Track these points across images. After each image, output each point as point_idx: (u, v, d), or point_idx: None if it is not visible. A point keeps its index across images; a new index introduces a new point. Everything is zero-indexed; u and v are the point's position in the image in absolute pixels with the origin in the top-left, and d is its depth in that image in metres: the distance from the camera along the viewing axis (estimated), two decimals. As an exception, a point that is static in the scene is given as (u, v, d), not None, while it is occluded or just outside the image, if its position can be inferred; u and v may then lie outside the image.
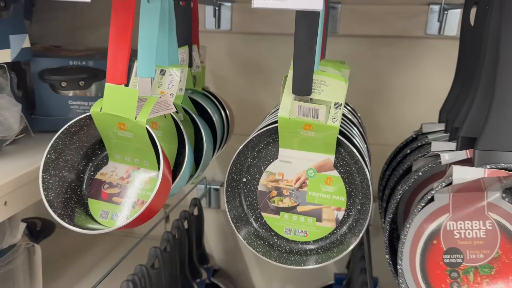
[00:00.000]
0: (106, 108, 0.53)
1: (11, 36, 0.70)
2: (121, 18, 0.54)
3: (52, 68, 0.76)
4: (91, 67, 0.77)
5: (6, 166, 0.65)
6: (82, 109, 0.79)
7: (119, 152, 0.59)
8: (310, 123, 0.55)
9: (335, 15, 0.87)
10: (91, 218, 0.58)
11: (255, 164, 0.62)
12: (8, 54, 0.70)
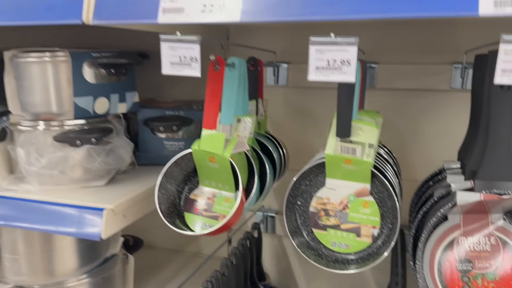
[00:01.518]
0: (202, 146, 0.75)
1: (127, 93, 0.95)
2: (213, 83, 0.77)
3: (153, 116, 1.00)
4: (182, 116, 1.01)
5: (121, 188, 0.88)
6: (173, 148, 1.02)
7: (207, 178, 0.79)
8: (350, 158, 0.73)
9: (373, 73, 1.07)
10: (186, 226, 0.78)
11: (307, 190, 0.80)
12: (124, 107, 0.95)
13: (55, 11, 0.70)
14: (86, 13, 0.68)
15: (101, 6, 0.67)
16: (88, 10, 0.67)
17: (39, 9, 0.71)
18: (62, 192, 0.84)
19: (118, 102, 0.93)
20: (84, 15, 0.68)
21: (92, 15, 0.67)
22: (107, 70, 0.87)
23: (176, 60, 0.66)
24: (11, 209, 0.83)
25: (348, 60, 0.57)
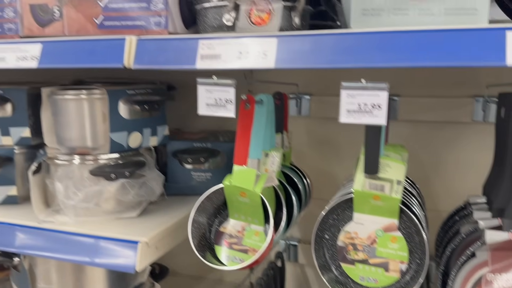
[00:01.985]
0: (234, 182, 0.77)
1: (158, 127, 0.99)
2: (244, 121, 0.80)
3: (181, 149, 1.04)
4: (209, 147, 1.04)
5: (153, 220, 0.91)
6: (200, 178, 1.05)
7: (237, 212, 0.82)
8: (378, 195, 0.75)
9: (395, 105, 1.09)
10: (216, 259, 0.80)
11: (335, 224, 0.82)
12: (155, 140, 0.99)
13: (97, 56, 0.74)
14: (128, 58, 0.72)
15: (142, 52, 0.71)
16: (129, 55, 0.72)
17: (82, 54, 0.75)
18: (96, 224, 0.87)
19: (150, 136, 0.96)
20: (125, 60, 0.72)
21: (133, 60, 0.71)
22: (141, 106, 0.91)
23: (211, 101, 0.70)
24: (48, 240, 0.86)
25: (379, 104, 0.60)
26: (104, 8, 0.75)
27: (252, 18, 0.67)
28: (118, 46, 0.73)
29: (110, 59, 0.73)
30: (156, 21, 0.73)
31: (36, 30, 0.81)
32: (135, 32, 0.74)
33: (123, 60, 0.72)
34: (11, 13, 0.82)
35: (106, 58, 0.73)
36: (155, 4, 0.72)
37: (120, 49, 0.73)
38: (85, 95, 0.88)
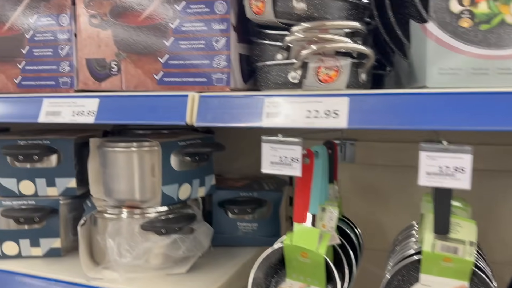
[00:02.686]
0: (295, 241, 0.74)
1: (206, 177, 0.97)
2: (303, 175, 0.77)
3: (227, 198, 1.01)
4: (255, 197, 1.01)
5: (203, 276, 0.87)
6: (245, 229, 1.02)
7: (296, 272, 0.78)
8: (449, 257, 0.71)
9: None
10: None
11: (400, 286, 0.77)
12: (203, 190, 0.96)
13: (157, 112, 0.73)
14: (190, 115, 0.70)
15: (204, 109, 0.70)
16: (192, 112, 0.70)
17: (142, 110, 0.74)
18: (146, 281, 0.84)
19: (199, 187, 0.94)
20: (187, 117, 0.70)
21: (195, 117, 0.70)
22: (192, 158, 0.89)
23: (276, 160, 0.68)
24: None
25: (462, 168, 0.57)
26: (165, 64, 0.75)
27: (320, 75, 0.65)
28: (179, 102, 0.72)
29: (171, 116, 0.72)
30: (218, 77, 0.72)
31: (92, 84, 0.81)
32: (196, 89, 0.73)
33: (185, 117, 0.71)
34: (67, 67, 0.82)
35: (167, 114, 0.72)
36: (218, 61, 0.71)
37: (182, 106, 0.72)
38: (137, 148, 0.87)
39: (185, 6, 0.72)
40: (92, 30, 0.79)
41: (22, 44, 0.84)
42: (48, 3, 0.81)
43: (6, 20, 0.85)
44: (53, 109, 0.80)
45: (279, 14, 0.65)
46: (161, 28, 0.74)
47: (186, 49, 0.73)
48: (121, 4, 0.76)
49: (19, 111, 0.83)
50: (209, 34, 0.71)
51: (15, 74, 0.86)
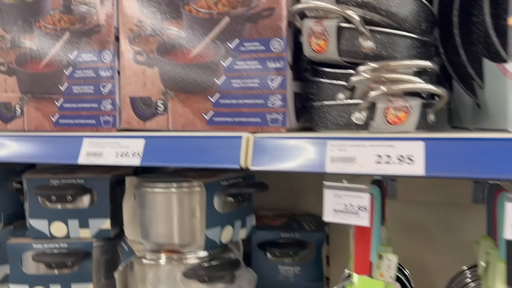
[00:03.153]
0: (357, 294, 0.68)
1: (247, 218, 0.92)
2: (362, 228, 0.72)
3: (268, 240, 0.96)
4: (297, 239, 0.96)
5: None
6: (287, 273, 0.96)
7: (355, 326, 0.72)
8: (528, 313, 0.65)
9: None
10: None
11: None
12: (244, 232, 0.91)
13: (208, 154, 0.69)
14: (244, 158, 0.66)
15: (260, 151, 0.66)
16: (246, 155, 0.66)
17: (191, 152, 0.70)
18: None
19: (240, 228, 0.89)
20: (242, 160, 0.66)
21: (250, 160, 0.66)
22: (235, 198, 0.85)
23: (340, 208, 0.63)
24: None
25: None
26: (215, 103, 0.71)
27: (389, 117, 0.61)
28: (232, 144, 0.68)
29: (223, 159, 0.68)
30: (273, 118, 0.68)
31: (136, 124, 0.77)
32: (249, 129, 0.69)
33: (239, 161, 0.66)
34: (109, 105, 0.78)
35: (218, 157, 0.68)
36: (273, 101, 0.67)
37: (235, 148, 0.67)
38: (177, 188, 0.83)
39: (239, 44, 0.69)
40: (137, 67, 0.76)
41: (61, 81, 0.81)
42: (90, 39, 0.78)
43: (44, 55, 0.82)
44: (95, 149, 0.76)
45: (343, 52, 0.62)
46: (212, 66, 0.71)
47: (239, 88, 0.69)
48: (169, 41, 0.73)
49: (56, 151, 0.79)
50: (264, 72, 0.68)
51: (52, 112, 0.82)
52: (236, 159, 0.67)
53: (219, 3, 0.69)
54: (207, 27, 0.70)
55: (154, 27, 0.74)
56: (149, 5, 0.74)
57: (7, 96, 0.86)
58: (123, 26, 0.76)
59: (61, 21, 0.80)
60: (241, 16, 0.68)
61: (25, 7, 0.83)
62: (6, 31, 0.85)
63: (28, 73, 0.83)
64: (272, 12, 0.67)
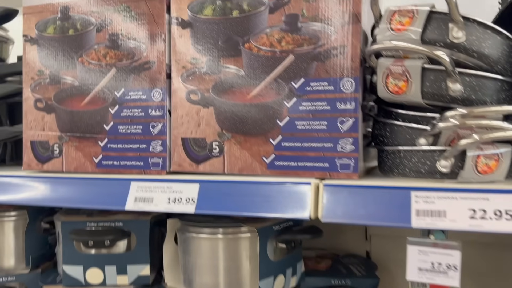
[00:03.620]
0: None
1: (297, 264, 0.85)
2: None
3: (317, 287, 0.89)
4: (350, 286, 0.89)
5: None
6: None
7: None
8: None
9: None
10: None
11: None
12: (295, 280, 0.84)
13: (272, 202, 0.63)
14: (314, 209, 0.60)
15: (332, 201, 0.60)
16: (317, 205, 0.60)
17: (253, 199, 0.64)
18: None
19: (291, 276, 0.83)
20: (311, 211, 0.60)
21: (321, 211, 0.60)
22: (288, 245, 0.79)
23: (427, 266, 0.57)
24: None
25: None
26: (277, 146, 0.66)
27: (479, 166, 0.56)
28: (299, 191, 0.62)
29: (290, 208, 0.62)
30: (343, 163, 0.62)
31: (188, 167, 0.72)
32: (315, 174, 0.64)
33: (308, 211, 0.61)
34: (159, 146, 0.73)
35: (284, 205, 0.62)
36: (343, 145, 0.62)
37: (302, 196, 0.62)
38: (226, 234, 0.77)
39: (304, 83, 0.64)
40: (190, 106, 0.71)
41: (106, 120, 0.76)
42: (139, 76, 0.74)
43: (87, 92, 0.77)
44: (144, 194, 0.70)
45: (427, 95, 0.57)
46: (274, 107, 0.66)
47: (304, 130, 0.64)
48: (226, 80, 0.69)
49: (100, 195, 0.74)
50: (333, 114, 0.63)
51: (95, 153, 0.77)
52: (304, 209, 0.61)
53: (283, 41, 0.65)
54: (269, 65, 0.66)
55: (210, 65, 0.69)
56: (205, 41, 0.70)
57: (45, 135, 0.81)
58: (175, 63, 0.72)
59: (107, 56, 0.76)
60: (308, 54, 0.64)
61: (66, 40, 0.79)
62: (45, 66, 0.81)
63: (68, 111, 0.79)
64: (343, 50, 0.62)
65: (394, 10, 0.58)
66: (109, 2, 0.75)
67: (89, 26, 0.77)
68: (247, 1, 0.67)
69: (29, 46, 0.82)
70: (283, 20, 0.65)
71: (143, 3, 0.73)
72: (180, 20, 0.71)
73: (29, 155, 0.82)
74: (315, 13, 0.63)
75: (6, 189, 0.81)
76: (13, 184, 0.81)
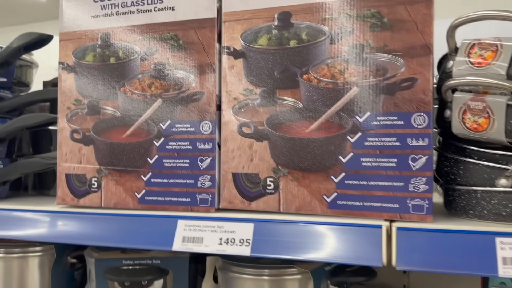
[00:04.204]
0: None
1: None
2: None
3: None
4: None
5: None
6: None
7: None
8: None
9: None
10: None
11: None
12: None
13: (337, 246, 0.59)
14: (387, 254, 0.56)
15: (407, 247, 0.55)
16: (391, 251, 0.56)
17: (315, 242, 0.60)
18: None
19: (341, 320, 0.77)
20: (384, 257, 0.56)
21: (396, 258, 0.55)
22: (341, 286, 0.74)
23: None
24: None
25: None
26: (339, 184, 0.61)
27: None
28: (366, 234, 0.58)
29: (359, 253, 0.57)
30: (416, 204, 0.58)
31: (239, 204, 0.67)
32: (384, 216, 0.59)
33: (380, 257, 0.56)
34: (207, 181, 0.68)
35: (353, 251, 0.57)
36: (416, 184, 0.58)
37: (372, 239, 0.57)
38: (274, 276, 0.72)
39: (370, 117, 0.60)
40: (242, 140, 0.67)
41: (150, 153, 0.72)
42: (187, 107, 0.70)
43: (130, 124, 0.73)
44: (192, 234, 0.65)
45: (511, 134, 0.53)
46: (336, 142, 0.62)
47: (371, 167, 0.60)
48: (282, 113, 0.65)
49: (143, 234, 0.69)
50: (403, 151, 0.59)
51: (137, 187, 0.72)
52: (376, 255, 0.56)
53: (346, 72, 0.61)
54: (331, 97, 0.62)
55: (265, 96, 0.66)
56: (259, 72, 0.66)
57: (82, 168, 0.76)
58: (226, 95, 0.68)
59: (152, 86, 0.72)
60: (376, 86, 0.60)
61: (107, 69, 0.76)
62: (83, 95, 0.77)
63: (109, 143, 0.74)
64: (414, 83, 0.59)
65: (473, 43, 0.55)
66: (155, 29, 0.72)
67: (133, 54, 0.74)
68: (306, 30, 0.63)
69: (65, 74, 0.79)
70: (346, 50, 0.62)
71: (192, 31, 0.70)
72: (232, 50, 0.68)
73: (64, 189, 0.77)
74: (381, 44, 0.60)
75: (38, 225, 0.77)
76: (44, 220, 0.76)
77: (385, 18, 0.60)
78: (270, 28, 0.66)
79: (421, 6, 0.59)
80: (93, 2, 0.77)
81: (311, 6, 0.64)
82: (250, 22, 0.67)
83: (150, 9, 0.73)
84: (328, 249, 0.59)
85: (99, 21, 0.76)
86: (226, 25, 0.68)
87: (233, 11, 0.68)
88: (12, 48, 0.92)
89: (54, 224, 0.75)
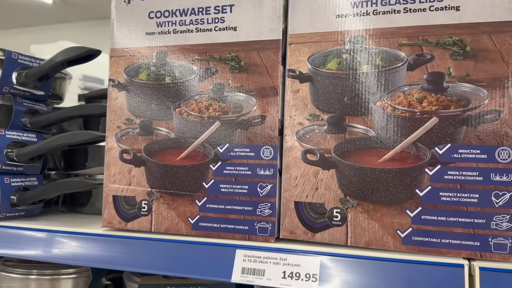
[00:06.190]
0: None
1: None
2: None
3: None
4: None
5: None
6: None
7: None
8: None
9: None
10: None
11: None
12: None
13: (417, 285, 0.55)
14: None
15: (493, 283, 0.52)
16: None
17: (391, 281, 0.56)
18: None
19: None
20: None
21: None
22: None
23: None
24: None
25: None
26: (414, 218, 0.58)
27: None
28: (447, 274, 0.54)
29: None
30: (498, 242, 0.55)
31: (301, 234, 0.64)
32: (462, 254, 0.56)
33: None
34: (267, 209, 0.65)
35: None
36: (499, 222, 0.55)
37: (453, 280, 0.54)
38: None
39: (450, 149, 0.57)
40: (306, 167, 0.64)
41: (205, 177, 0.69)
42: (246, 131, 0.67)
43: (184, 146, 0.70)
44: (253, 265, 0.62)
45: None
46: (411, 173, 0.58)
47: (450, 202, 0.57)
48: (352, 141, 0.62)
49: (197, 262, 0.66)
50: (486, 186, 0.55)
51: (191, 213, 0.69)
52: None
53: (425, 101, 0.59)
54: (407, 127, 0.59)
55: (333, 122, 0.63)
56: (327, 97, 0.63)
57: (131, 190, 0.73)
58: (290, 120, 0.65)
59: (210, 108, 0.70)
60: (455, 117, 0.57)
61: (161, 88, 0.73)
62: (135, 114, 0.75)
63: (162, 165, 0.72)
64: (498, 115, 0.56)
65: None
66: (215, 49, 0.70)
67: (191, 74, 0.71)
68: (381, 56, 0.61)
69: (116, 91, 0.77)
70: (425, 78, 0.59)
71: (255, 53, 0.68)
72: (298, 73, 0.65)
73: (111, 211, 0.74)
74: (464, 73, 0.57)
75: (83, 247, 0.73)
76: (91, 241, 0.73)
77: (467, 47, 0.58)
78: (340, 51, 0.64)
79: (507, 36, 0.56)
80: (148, 18, 0.75)
81: (385, 30, 0.62)
82: (319, 45, 0.65)
83: (210, 29, 0.71)
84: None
85: (154, 39, 0.74)
86: (292, 47, 0.66)
87: (300, 33, 0.66)
88: (55, 61, 0.90)
89: (101, 247, 0.72)
